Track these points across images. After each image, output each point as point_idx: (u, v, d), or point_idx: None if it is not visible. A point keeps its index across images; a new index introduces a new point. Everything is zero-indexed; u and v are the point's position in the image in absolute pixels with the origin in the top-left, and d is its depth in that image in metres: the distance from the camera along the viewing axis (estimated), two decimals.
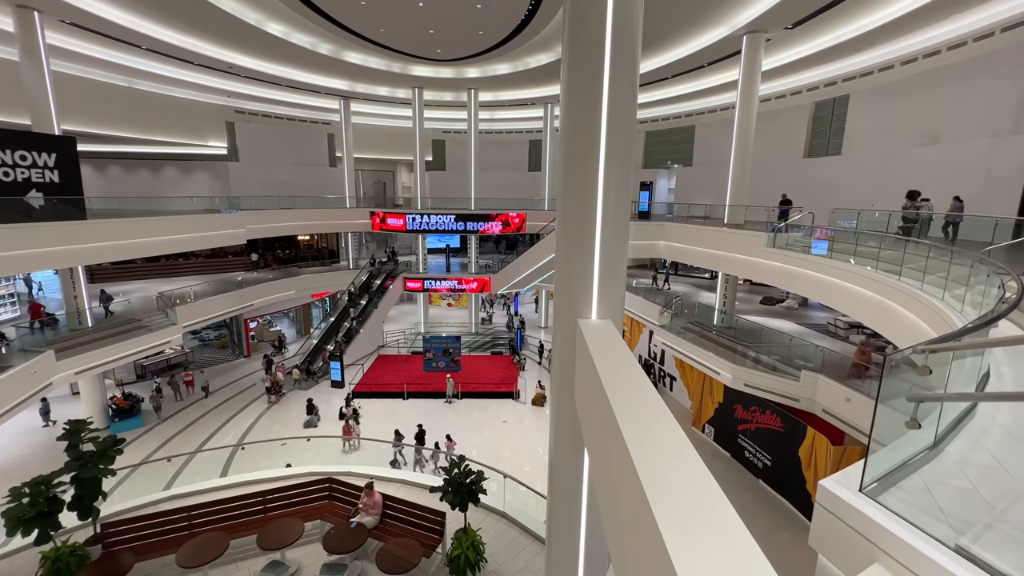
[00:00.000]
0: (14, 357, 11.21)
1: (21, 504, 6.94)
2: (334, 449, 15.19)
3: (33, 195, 13.66)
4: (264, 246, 28.69)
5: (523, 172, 35.72)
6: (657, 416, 3.21)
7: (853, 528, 2.67)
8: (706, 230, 15.01)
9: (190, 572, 7.41)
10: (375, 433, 15.84)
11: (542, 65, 20.07)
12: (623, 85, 4.81)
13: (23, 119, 14.96)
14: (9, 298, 19.04)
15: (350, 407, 16.63)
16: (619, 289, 5.42)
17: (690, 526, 2.10)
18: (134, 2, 14.27)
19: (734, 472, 14.08)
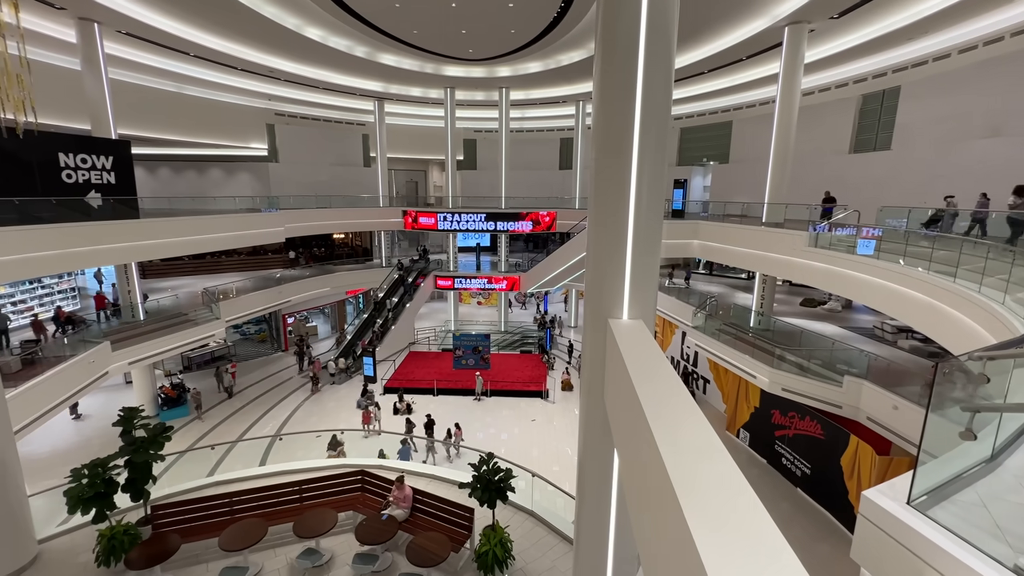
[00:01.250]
0: (75, 347, 12.02)
1: (81, 485, 7.44)
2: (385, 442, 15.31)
3: (92, 196, 14.58)
4: (301, 244, 29.61)
5: (554, 171, 35.57)
6: (689, 419, 3.14)
7: (900, 542, 2.54)
8: (743, 229, 14.53)
9: (231, 555, 7.76)
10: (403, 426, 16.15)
11: (574, 62, 19.91)
12: (657, 81, 4.73)
13: (83, 124, 15.97)
14: (71, 292, 20.37)
15: (404, 402, 17.05)
16: (651, 289, 5.33)
17: (723, 532, 2.05)
18: (184, 12, 14.99)
19: (770, 479, 13.62)
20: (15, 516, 7.48)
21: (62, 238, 11.93)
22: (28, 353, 11.12)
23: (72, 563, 7.64)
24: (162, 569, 7.49)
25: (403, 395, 18.30)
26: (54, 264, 12.23)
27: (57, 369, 10.49)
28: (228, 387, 19.58)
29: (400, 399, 17.66)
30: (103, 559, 7.44)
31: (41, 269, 12.42)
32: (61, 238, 11.89)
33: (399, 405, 17.17)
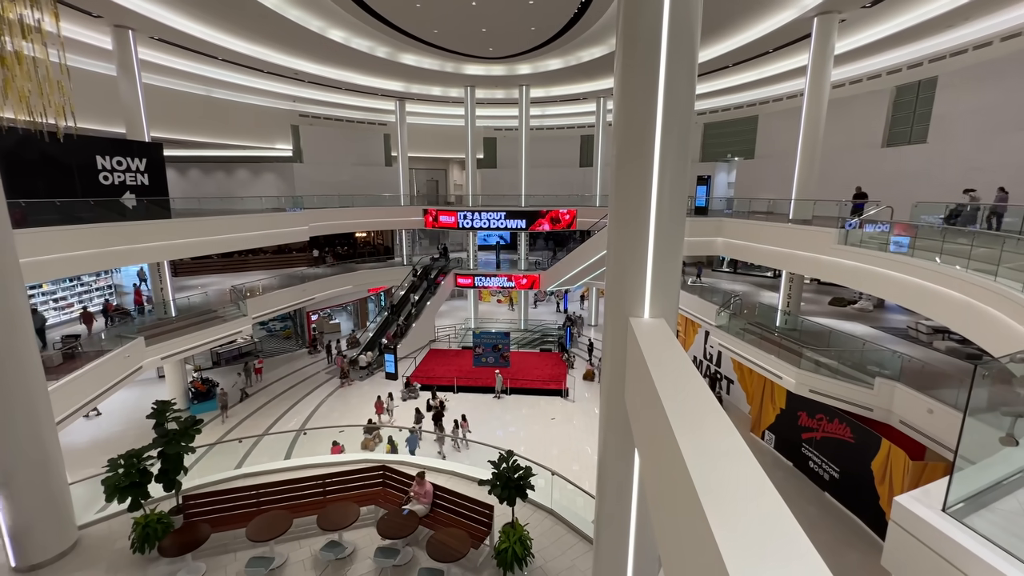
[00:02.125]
0: (111, 342, 12.53)
1: (117, 474, 7.76)
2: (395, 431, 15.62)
3: (127, 196, 15.14)
4: (325, 243, 30.18)
5: (574, 168, 35.37)
6: (712, 419, 3.09)
7: (933, 550, 2.44)
8: (769, 226, 14.18)
9: (258, 546, 7.97)
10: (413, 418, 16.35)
11: (595, 59, 19.73)
12: (680, 76, 4.64)
13: (119, 128, 16.60)
14: (107, 289, 21.22)
15: (437, 399, 17.32)
16: (673, 287, 5.26)
17: (747, 535, 2.01)
18: (213, 17, 15.42)
19: (797, 483, 13.29)
20: (57, 503, 7.85)
21: (100, 237, 12.44)
22: (68, 348, 11.64)
23: (109, 549, 7.97)
24: (193, 557, 7.75)
25: (436, 392, 18.49)
26: (93, 262, 12.76)
27: (95, 363, 10.96)
28: (243, 388, 19.85)
29: (433, 396, 17.91)
30: (138, 546, 7.75)
31: (81, 267, 12.96)
32: (99, 237, 12.41)
33: (432, 403, 17.47)
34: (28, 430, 7.44)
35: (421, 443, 14.54)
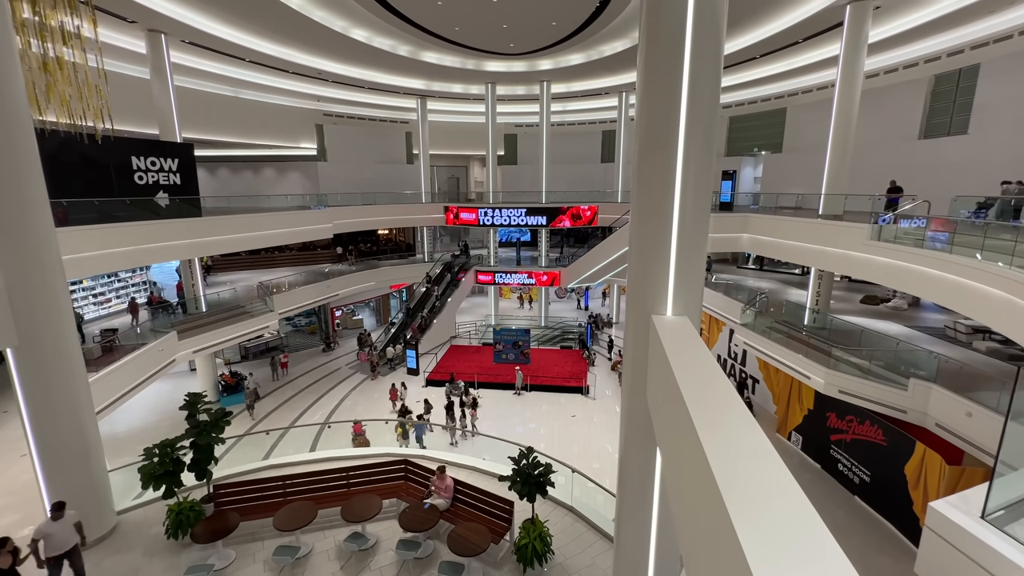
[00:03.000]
0: (146, 336, 13.02)
1: (152, 463, 8.07)
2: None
3: (160, 196, 15.68)
4: (348, 240, 30.68)
5: (595, 164, 35.04)
6: (737, 418, 3.03)
7: (970, 558, 2.34)
8: (797, 222, 13.78)
9: (284, 535, 8.20)
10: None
11: (617, 53, 19.47)
12: (705, 68, 4.55)
13: (152, 129, 17.19)
14: (142, 284, 22.05)
15: (469, 395, 17.59)
16: (697, 284, 5.17)
17: (773, 538, 1.96)
18: (241, 19, 15.80)
19: (825, 485, 12.94)
20: (98, 489, 8.22)
21: (136, 235, 12.93)
22: (107, 341, 12.15)
23: (145, 534, 8.31)
24: (223, 544, 8.01)
25: (468, 389, 18.63)
26: (130, 259, 13.28)
27: (132, 356, 11.42)
28: (254, 388, 18.52)
29: (466, 392, 18.11)
30: (172, 532, 8.06)
31: (118, 264, 13.48)
32: (135, 235, 12.89)
33: (465, 399, 17.71)
34: (70, 420, 7.80)
35: (432, 432, 15.06)
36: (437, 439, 15.58)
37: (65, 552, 6.73)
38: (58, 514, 6.73)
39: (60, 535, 6.67)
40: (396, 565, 7.83)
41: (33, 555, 6.47)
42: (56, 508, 6.78)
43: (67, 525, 6.78)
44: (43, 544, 6.52)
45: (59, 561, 6.71)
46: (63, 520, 6.75)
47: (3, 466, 9.65)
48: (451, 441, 15.74)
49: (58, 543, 6.66)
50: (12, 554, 6.30)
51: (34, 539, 6.52)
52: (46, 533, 6.59)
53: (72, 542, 6.82)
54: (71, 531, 6.81)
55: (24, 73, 7.38)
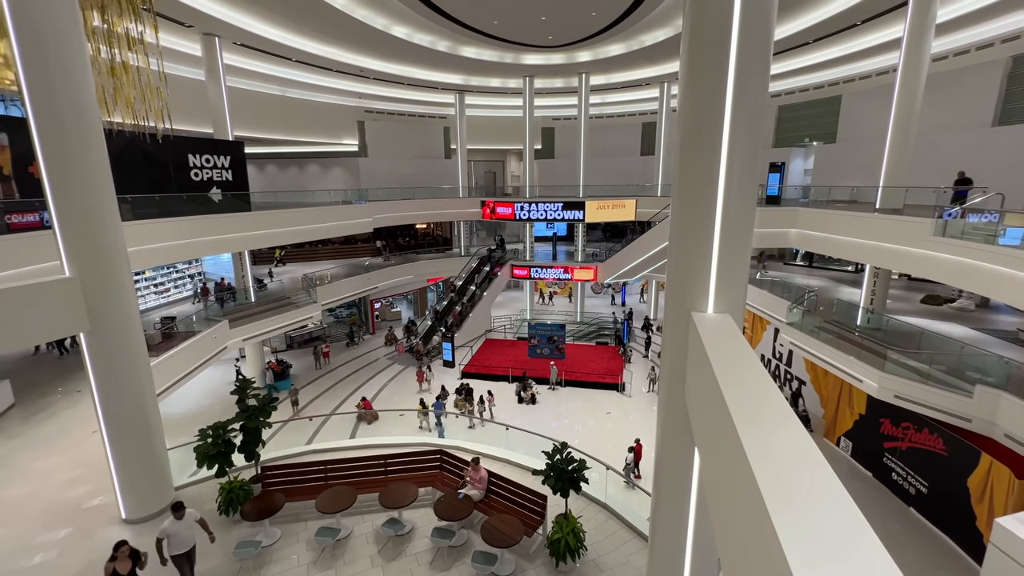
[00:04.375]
0: (201, 324, 13.81)
1: (207, 443, 8.58)
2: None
3: (214, 191, 16.54)
4: (387, 234, 31.39)
5: (635, 157, 34.29)
6: (781, 421, 2.90)
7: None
8: (851, 216, 12.99)
9: (326, 517, 8.54)
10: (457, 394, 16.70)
11: (659, 42, 18.92)
12: (753, 55, 4.34)
13: (205, 127, 18.12)
14: (198, 276, 23.38)
15: (528, 392, 18.26)
16: (741, 281, 4.97)
17: (820, 548, 1.87)
18: (287, 21, 16.37)
19: (877, 495, 12.26)
20: (158, 466, 8.82)
21: (192, 229, 13.71)
22: (166, 328, 12.97)
23: (200, 509, 8.82)
24: (270, 523, 8.44)
25: (528, 385, 18.61)
26: (187, 251, 14.10)
27: (189, 342, 12.15)
28: (295, 400, 17.81)
29: (525, 388, 18.32)
30: (223, 508, 8.56)
31: (176, 255, 14.34)
32: (191, 229, 13.67)
33: (524, 395, 18.04)
34: (134, 400, 8.39)
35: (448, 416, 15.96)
36: (455, 421, 16.11)
37: (187, 551, 6.96)
38: (179, 514, 6.91)
39: (183, 534, 6.88)
40: (431, 552, 8.01)
41: (158, 554, 6.70)
42: (175, 508, 6.96)
43: (189, 523, 6.97)
44: (167, 543, 6.78)
45: (182, 559, 6.94)
46: (184, 519, 6.93)
47: (76, 441, 10.51)
48: (469, 425, 16.15)
49: (182, 541, 6.88)
50: (132, 558, 6.40)
51: (159, 538, 6.75)
52: (170, 533, 6.80)
53: (193, 540, 7.02)
54: (193, 529, 7.02)
55: (94, 77, 7.91)
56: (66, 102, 7.09)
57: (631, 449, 13.65)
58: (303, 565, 7.75)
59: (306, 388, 19.58)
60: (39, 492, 8.99)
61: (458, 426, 15.90)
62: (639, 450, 13.71)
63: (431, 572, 7.64)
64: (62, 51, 6.98)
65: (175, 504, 7.01)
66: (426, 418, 15.69)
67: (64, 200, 7.32)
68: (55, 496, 8.92)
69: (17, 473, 9.48)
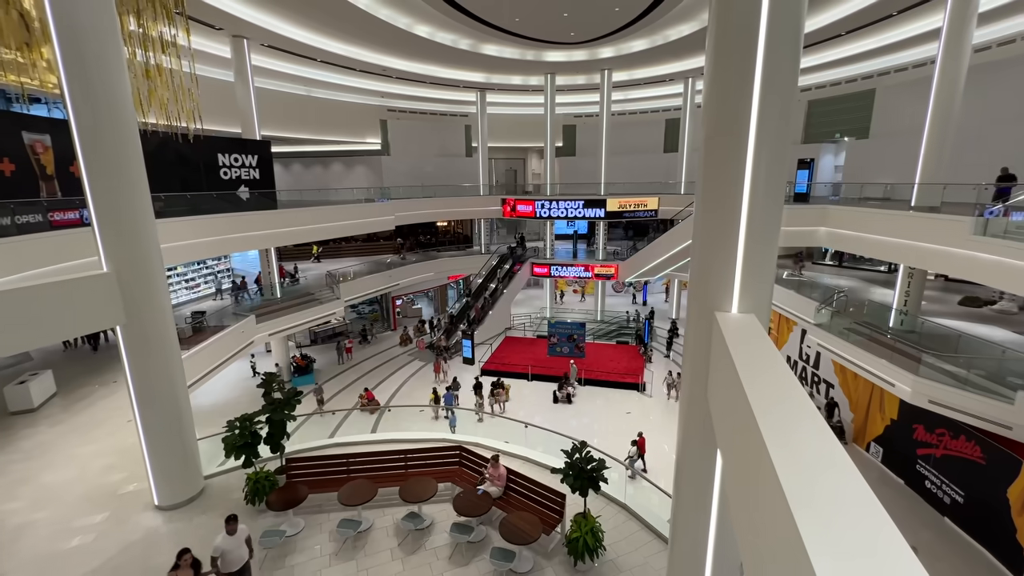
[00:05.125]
0: (228, 319, 14.22)
1: (234, 434, 8.84)
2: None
3: (242, 190, 16.99)
4: (409, 231, 31.72)
5: (658, 154, 33.81)
6: (807, 424, 2.83)
7: None
8: (885, 214, 12.52)
9: (348, 510, 8.70)
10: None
11: (683, 37, 18.59)
12: (782, 49, 4.22)
13: (234, 127, 18.60)
14: (227, 272, 24.06)
15: (563, 390, 18.45)
16: (767, 281, 4.85)
17: (846, 554, 1.82)
18: (313, 22, 16.67)
19: (908, 503, 11.84)
20: (188, 455, 9.13)
21: (221, 226, 14.11)
22: (197, 322, 13.40)
23: (228, 498, 9.14)
24: (294, 513, 8.64)
25: (564, 384, 18.62)
26: (216, 248, 14.53)
27: (218, 336, 12.53)
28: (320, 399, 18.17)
29: (560, 387, 18.42)
30: (250, 498, 8.81)
31: (206, 252, 14.77)
32: (220, 226, 14.08)
33: (559, 394, 18.16)
34: (167, 391, 8.69)
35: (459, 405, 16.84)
36: (464, 413, 16.36)
37: (239, 569, 6.73)
38: (231, 527, 6.67)
39: (235, 552, 6.67)
40: (450, 547, 8.08)
41: (214, 571, 6.51)
42: (229, 521, 6.73)
43: (240, 540, 6.73)
44: (221, 561, 6.58)
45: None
46: (237, 535, 6.69)
47: (112, 430, 10.96)
48: (478, 417, 16.40)
49: (235, 559, 6.66)
50: (193, 567, 6.26)
51: (213, 556, 6.54)
52: (224, 549, 6.59)
53: (245, 557, 6.78)
54: (244, 546, 6.78)
55: (130, 80, 8.20)
56: (104, 104, 7.37)
57: (634, 442, 13.86)
58: (325, 555, 7.91)
59: (329, 382, 19.97)
60: (79, 477, 9.41)
61: (468, 416, 16.29)
62: (642, 443, 13.88)
63: (450, 567, 7.71)
64: (101, 55, 7.26)
65: (229, 517, 6.79)
66: (437, 404, 16.27)
67: (102, 198, 7.62)
68: (93, 481, 9.32)
69: (59, 458, 9.94)
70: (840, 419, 14.89)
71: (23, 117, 12.75)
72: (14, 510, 8.49)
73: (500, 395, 17.64)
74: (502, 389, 17.86)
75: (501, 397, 17.65)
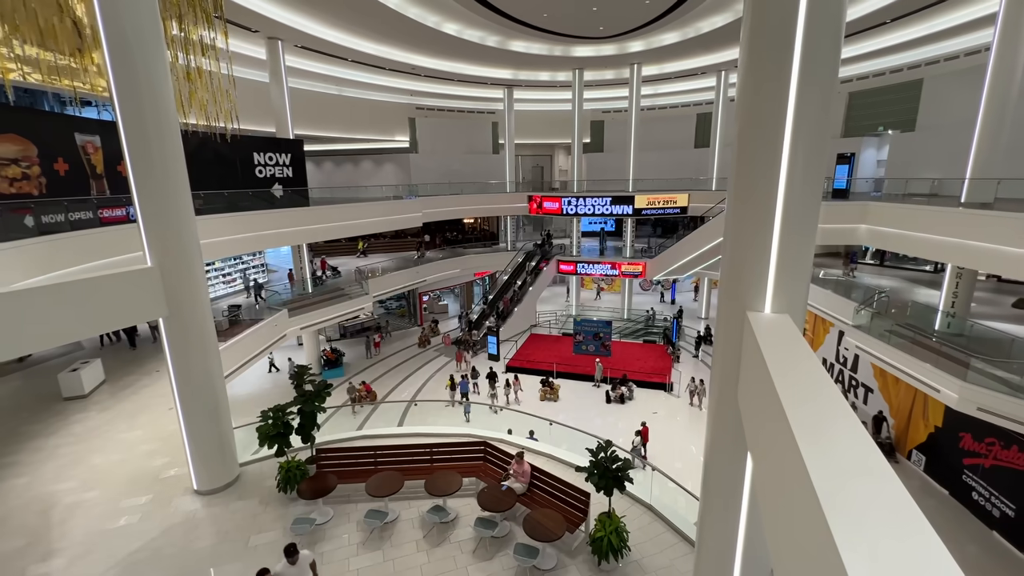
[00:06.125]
0: (263, 313, 14.70)
1: (267, 424, 9.14)
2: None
3: (276, 187, 17.51)
4: (436, 228, 32.02)
5: (688, 149, 33.07)
6: (844, 429, 2.72)
7: None
8: (932, 211, 11.89)
9: (375, 501, 8.89)
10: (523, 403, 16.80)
11: (716, 28, 18.10)
12: (822, 39, 4.05)
13: (268, 127, 19.17)
14: (261, 267, 24.87)
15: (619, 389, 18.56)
16: (802, 280, 4.69)
17: (885, 564, 1.74)
18: (345, 22, 17.00)
19: (954, 515, 11.27)
20: (225, 443, 9.50)
21: (257, 222, 14.59)
22: (233, 315, 13.91)
23: (261, 486, 9.47)
24: (323, 502, 8.89)
25: (618, 384, 18.61)
26: (252, 244, 15.05)
27: (253, 329, 12.97)
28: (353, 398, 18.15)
29: (614, 387, 18.46)
30: (282, 486, 9.11)
31: (242, 248, 15.34)
32: (256, 222, 14.56)
33: (612, 394, 18.19)
34: (205, 381, 9.06)
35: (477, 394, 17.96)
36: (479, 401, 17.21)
37: None
38: (292, 559, 6.25)
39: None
40: (474, 541, 8.16)
41: None
42: (289, 552, 6.28)
43: (303, 568, 6.34)
44: None
45: None
46: (298, 563, 6.31)
47: (155, 416, 11.51)
48: (491, 406, 16.80)
49: None
50: None
51: None
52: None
53: None
54: (308, 572, 6.40)
55: (172, 83, 8.55)
56: (150, 106, 7.71)
57: (638, 432, 14.00)
58: (353, 544, 8.11)
59: (358, 376, 20.42)
60: (125, 460, 9.93)
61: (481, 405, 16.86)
62: (646, 432, 14.02)
63: (474, 560, 7.78)
64: (147, 60, 7.59)
65: (288, 548, 6.32)
66: (454, 392, 16.83)
67: (147, 196, 7.99)
68: (138, 465, 9.82)
69: (108, 443, 10.51)
70: (890, 435, 13.97)
71: (76, 119, 13.49)
72: (68, 489, 9.04)
73: (516, 384, 18.22)
74: (551, 388, 18.00)
75: (516, 387, 18.23)
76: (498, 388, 18.17)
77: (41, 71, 10.13)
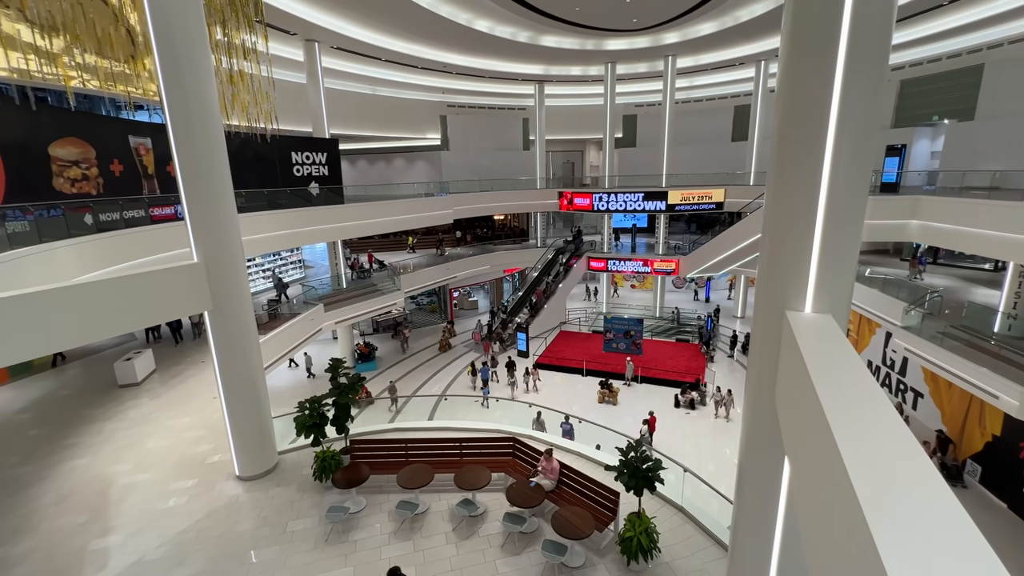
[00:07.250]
0: (299, 308, 15.21)
1: (304, 414, 9.47)
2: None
3: (312, 186, 18.03)
4: (466, 225, 32.24)
5: (725, 143, 32.07)
6: (891, 436, 2.59)
7: None
8: (993, 205, 11.09)
9: (406, 492, 9.09)
10: (552, 401, 16.74)
11: (756, 17, 17.43)
12: (870, 24, 3.84)
13: (305, 127, 19.73)
14: (298, 263, 25.72)
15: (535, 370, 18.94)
16: (847, 279, 4.48)
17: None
18: (378, 23, 17.30)
19: (1012, 529, 10.57)
20: (264, 432, 9.91)
21: (294, 220, 15.08)
22: (272, 310, 14.46)
23: (298, 474, 9.83)
24: (357, 492, 9.14)
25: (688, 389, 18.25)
26: (289, 240, 15.56)
27: (291, 323, 13.45)
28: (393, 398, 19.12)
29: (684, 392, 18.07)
30: (318, 475, 9.43)
31: (280, 244, 15.88)
32: (294, 220, 15.05)
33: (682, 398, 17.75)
34: (245, 372, 9.46)
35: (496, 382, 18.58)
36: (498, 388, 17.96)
37: None
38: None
39: None
40: (502, 535, 8.22)
41: None
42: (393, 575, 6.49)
43: None
44: None
45: None
46: None
47: (201, 404, 12.13)
48: (511, 395, 17.49)
49: None
50: None
51: None
52: None
53: None
54: None
55: (216, 86, 8.92)
56: (197, 109, 8.08)
57: (645, 421, 14.26)
58: (385, 534, 8.31)
59: (390, 369, 20.85)
60: (173, 446, 10.51)
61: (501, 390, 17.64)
62: (653, 422, 14.24)
63: (502, 555, 7.84)
64: (194, 65, 7.96)
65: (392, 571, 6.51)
66: (475, 378, 17.45)
67: (194, 195, 8.38)
68: (185, 450, 10.38)
69: (158, 428, 11.15)
70: (956, 458, 12.49)
71: (129, 123, 14.27)
72: (123, 471, 9.64)
73: (535, 374, 18.84)
74: (609, 390, 17.81)
75: (535, 376, 18.77)
76: (517, 376, 18.46)
77: (98, 77, 10.77)
